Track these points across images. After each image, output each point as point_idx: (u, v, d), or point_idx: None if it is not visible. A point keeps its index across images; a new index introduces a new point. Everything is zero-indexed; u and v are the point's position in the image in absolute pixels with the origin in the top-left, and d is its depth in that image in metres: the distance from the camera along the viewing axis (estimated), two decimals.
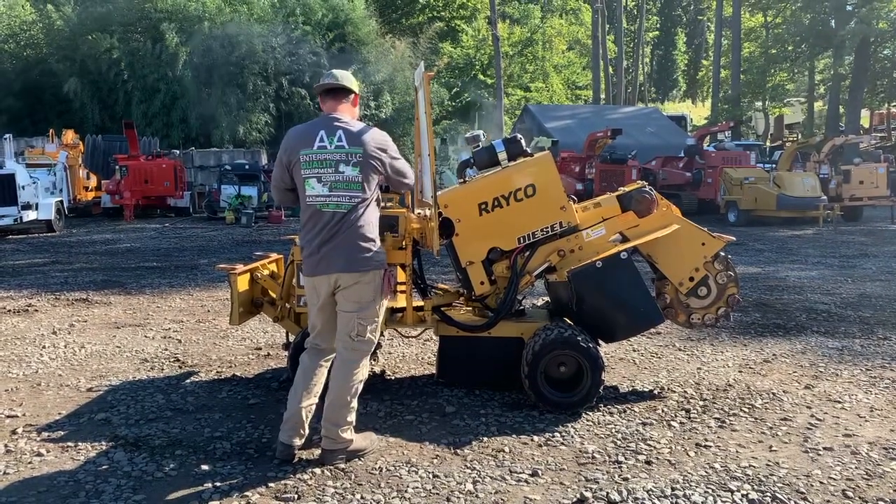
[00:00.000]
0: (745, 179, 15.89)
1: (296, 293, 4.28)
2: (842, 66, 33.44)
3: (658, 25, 63.33)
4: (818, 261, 10.43)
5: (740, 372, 4.95)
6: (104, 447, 3.66)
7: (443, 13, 40.18)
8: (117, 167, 19.02)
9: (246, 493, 3.13)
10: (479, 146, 4.34)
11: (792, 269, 9.57)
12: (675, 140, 23.47)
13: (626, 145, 18.96)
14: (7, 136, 17.95)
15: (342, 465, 3.40)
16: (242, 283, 4.38)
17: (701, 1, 65.50)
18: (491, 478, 3.28)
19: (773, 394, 4.45)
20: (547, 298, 4.98)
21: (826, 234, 14.19)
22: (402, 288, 4.38)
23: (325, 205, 3.39)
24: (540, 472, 3.33)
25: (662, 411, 4.15)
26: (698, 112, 49.70)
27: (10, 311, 7.16)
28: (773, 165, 18.98)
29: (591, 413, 4.10)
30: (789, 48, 35.94)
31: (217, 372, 5.01)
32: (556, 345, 4.00)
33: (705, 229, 4.48)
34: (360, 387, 3.52)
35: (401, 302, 4.43)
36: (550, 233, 4.20)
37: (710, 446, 3.64)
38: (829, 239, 13.41)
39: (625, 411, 4.15)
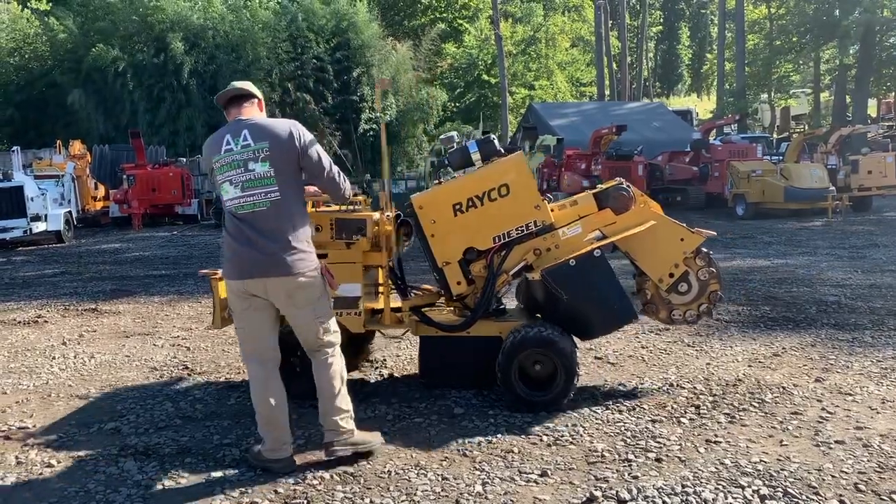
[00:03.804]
0: (753, 172, 15.82)
1: None
2: (847, 56, 33.25)
3: (661, 20, 63.17)
4: (827, 252, 10.37)
5: (750, 366, 4.92)
6: (114, 456, 3.67)
7: (445, 14, 40.23)
8: (125, 177, 19.12)
9: (256, 500, 3.14)
10: (453, 147, 4.36)
11: (801, 261, 9.52)
12: (680, 135, 23.38)
13: (631, 141, 18.92)
14: (15, 148, 18.08)
15: (350, 469, 3.40)
16: (224, 288, 4.37)
17: None
18: (500, 479, 3.27)
19: (783, 388, 4.42)
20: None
21: (835, 226, 14.11)
22: (381, 289, 4.42)
23: (241, 206, 3.31)
24: (549, 472, 3.32)
25: (672, 408, 4.13)
26: (704, 106, 49.56)
27: (20, 322, 7.20)
28: (780, 157, 18.90)
29: (600, 411, 4.09)
30: (794, 39, 35.79)
31: (226, 379, 5.02)
32: (530, 343, 4.04)
33: (684, 225, 4.43)
34: (345, 373, 3.54)
35: (381, 303, 4.46)
36: (525, 232, 4.20)
37: (721, 442, 3.62)
38: (838, 230, 13.34)
39: (634, 409, 4.14)
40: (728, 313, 6.56)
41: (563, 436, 3.74)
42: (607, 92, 37.48)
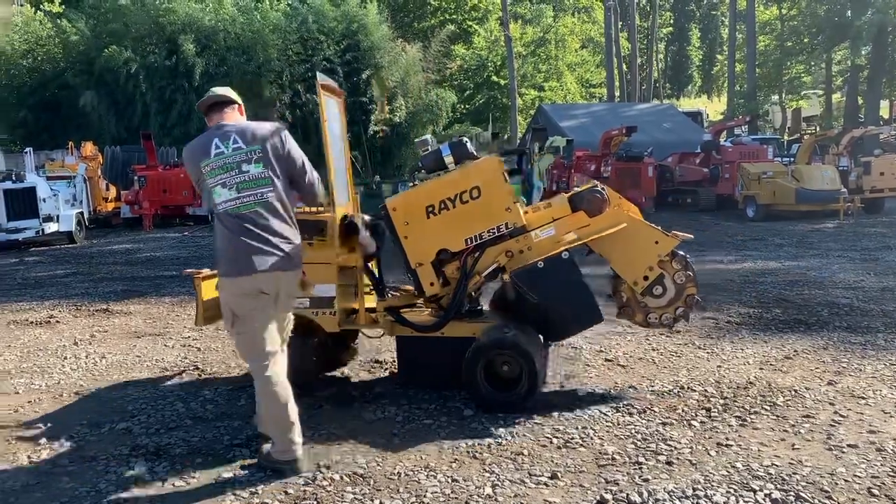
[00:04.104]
0: (763, 174, 15.74)
1: None
2: (859, 57, 33.06)
3: (671, 21, 62.98)
4: (839, 254, 10.31)
5: (761, 369, 4.90)
6: (125, 456, 3.69)
7: (454, 16, 40.25)
8: (136, 178, 19.21)
9: (266, 501, 3.15)
10: (427, 150, 4.42)
11: (813, 264, 9.46)
12: (691, 136, 23.29)
13: (641, 142, 18.87)
14: (28, 149, 18.20)
15: (360, 471, 3.41)
16: (207, 288, 4.41)
17: None
18: (510, 481, 3.27)
19: (795, 391, 4.39)
20: None
21: (847, 228, 14.02)
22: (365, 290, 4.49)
23: (238, 207, 3.36)
24: (559, 474, 3.31)
25: (682, 411, 4.11)
26: (714, 107, 49.38)
27: (32, 322, 7.24)
28: (792, 159, 18.80)
29: (610, 414, 4.08)
30: (805, 40, 35.62)
31: (236, 380, 5.03)
32: (494, 345, 4.07)
33: (659, 228, 4.42)
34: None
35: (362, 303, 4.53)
36: (497, 234, 4.23)
37: (732, 445, 3.60)
38: (850, 232, 13.25)
39: (644, 411, 4.12)
40: (739, 316, 6.53)
41: (573, 438, 3.73)
42: (617, 93, 37.40)
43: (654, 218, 14.01)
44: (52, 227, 14.90)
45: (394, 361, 5.29)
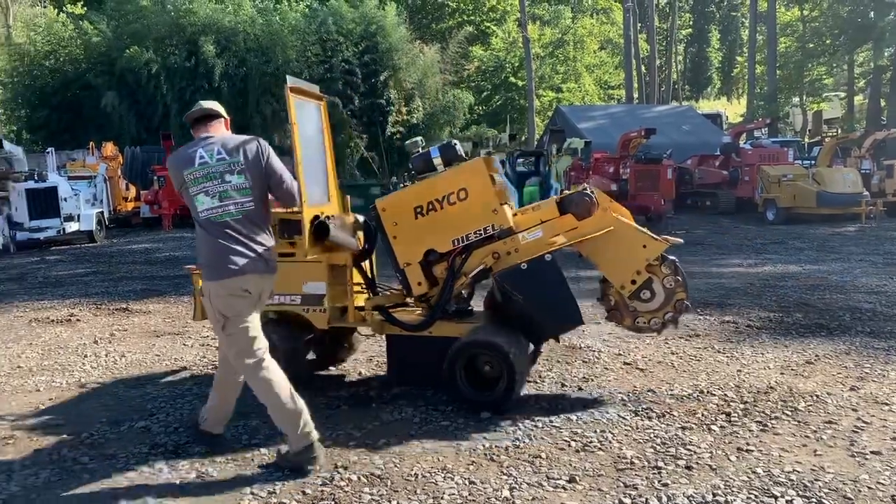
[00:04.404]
0: (784, 176, 15.60)
1: None
2: (882, 58, 32.66)
3: (691, 23, 62.58)
4: (861, 258, 10.18)
5: (782, 374, 4.84)
6: (145, 454, 3.71)
7: (472, 17, 40.23)
8: (156, 178, 19.36)
9: (283, 501, 3.15)
10: (418, 152, 4.48)
11: (834, 268, 9.36)
12: (710, 138, 23.13)
13: (660, 144, 18.74)
14: (49, 149, 18.40)
15: (378, 472, 3.41)
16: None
17: None
18: (528, 484, 3.25)
19: (817, 396, 4.34)
20: None
21: (869, 231, 13.86)
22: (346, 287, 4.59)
23: (220, 216, 3.48)
24: (578, 478, 3.29)
25: (702, 415, 4.08)
26: (734, 109, 48.98)
27: (53, 320, 7.32)
28: (812, 162, 18.61)
29: (629, 417, 4.05)
30: (827, 42, 35.25)
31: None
32: (473, 345, 4.11)
33: (646, 231, 4.38)
34: None
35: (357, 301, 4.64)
36: (483, 235, 4.27)
37: (752, 451, 3.56)
38: (873, 236, 13.09)
39: (663, 415, 4.09)
40: (759, 320, 6.47)
41: (591, 442, 3.71)
42: (636, 95, 37.22)
43: (673, 220, 13.91)
44: (72, 227, 15.05)
45: None
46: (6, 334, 6.76)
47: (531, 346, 4.63)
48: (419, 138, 4.76)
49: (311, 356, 5.08)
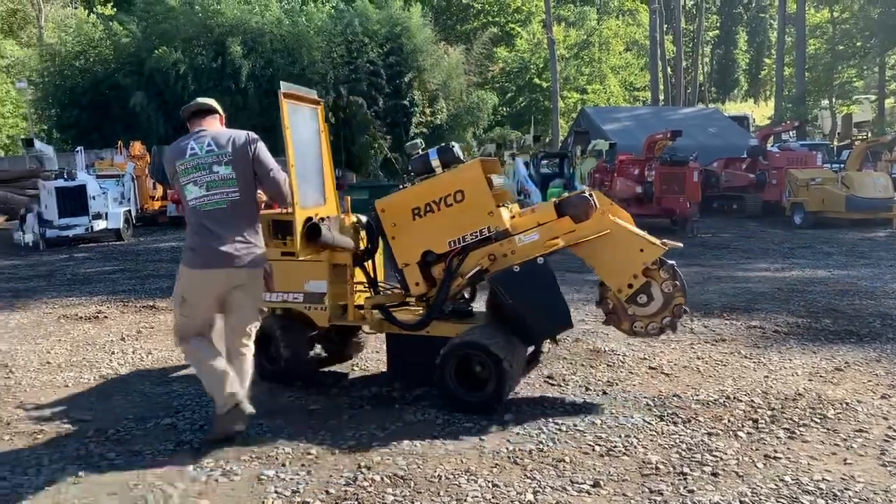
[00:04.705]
0: (812, 180, 15.38)
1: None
2: None
3: (718, 24, 61.99)
4: (892, 264, 10.01)
5: (810, 380, 4.77)
6: (170, 452, 3.75)
7: (497, 18, 40.19)
8: None
9: (307, 500, 3.16)
10: (418, 154, 4.55)
11: (864, 273, 9.21)
12: (737, 141, 22.86)
13: (686, 147, 18.56)
14: (79, 148, 18.64)
15: (401, 473, 3.41)
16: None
17: None
18: (552, 488, 3.23)
19: (847, 404, 4.27)
20: None
21: None
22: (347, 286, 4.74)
23: (205, 204, 3.72)
24: (602, 482, 3.27)
25: (729, 421, 4.03)
26: (761, 112, 48.44)
27: (81, 317, 7.41)
28: (842, 166, 18.33)
29: (654, 422, 4.01)
30: (857, 44, 34.73)
31: (295, 383, 5.05)
32: (463, 346, 4.15)
33: (644, 235, 4.34)
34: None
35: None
36: (480, 237, 4.29)
37: (780, 458, 3.51)
38: None
39: (689, 421, 4.05)
40: (787, 325, 6.38)
41: (616, 446, 3.68)
42: (661, 97, 36.93)
43: (699, 224, 13.76)
44: (100, 225, 15.23)
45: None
46: (36, 330, 6.86)
47: (531, 348, 4.68)
48: (419, 140, 4.86)
49: (320, 353, 5.22)
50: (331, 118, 24.46)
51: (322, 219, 4.42)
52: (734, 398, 4.42)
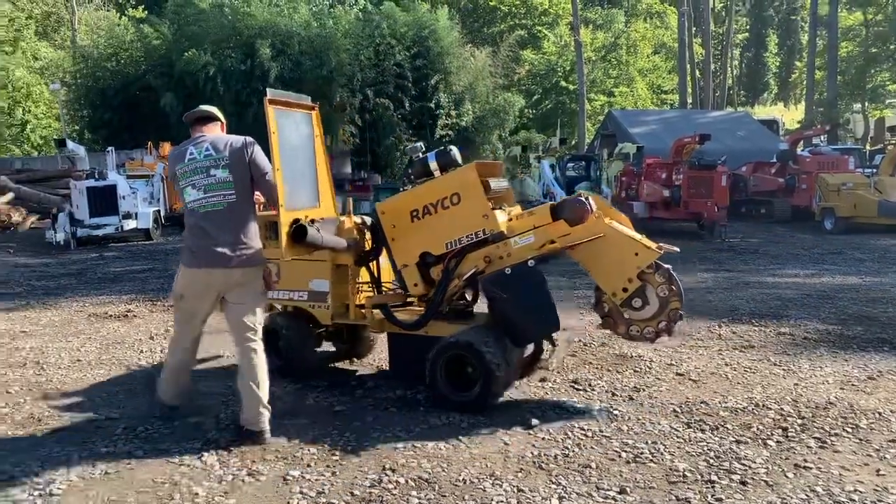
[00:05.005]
0: (843, 185, 15.13)
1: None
2: None
3: (748, 27, 61.28)
4: None
5: (842, 389, 4.69)
6: (197, 450, 3.78)
7: (524, 21, 40.08)
8: None
9: (332, 501, 3.17)
10: (418, 157, 4.66)
11: None
12: (766, 145, 22.57)
13: (715, 151, 18.35)
14: (109, 149, 18.90)
15: (426, 476, 3.40)
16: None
17: (794, 0, 63.03)
18: (577, 494, 3.21)
19: (880, 413, 4.19)
20: None
21: None
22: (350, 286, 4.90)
23: (203, 206, 3.89)
24: (628, 489, 3.24)
25: (757, 429, 3.97)
26: (791, 116, 47.80)
27: (111, 315, 7.51)
28: (874, 170, 18.01)
29: (681, 429, 3.97)
30: (891, 46, 34.14)
31: (304, 379, 5.09)
32: (452, 346, 4.23)
33: (639, 238, 4.31)
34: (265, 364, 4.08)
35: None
36: (475, 239, 4.35)
37: (811, 468, 3.46)
38: None
39: (717, 428, 4.00)
40: (817, 332, 6.28)
41: (642, 453, 3.65)
42: (689, 100, 36.58)
43: (727, 228, 13.59)
44: (130, 224, 15.43)
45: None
46: (66, 328, 6.97)
47: (529, 349, 4.77)
48: (419, 143, 4.98)
49: (331, 350, 5.43)
50: (357, 120, 24.56)
51: (312, 220, 4.52)
52: (763, 406, 4.36)
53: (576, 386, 4.79)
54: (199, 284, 3.95)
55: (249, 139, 4.02)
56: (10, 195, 17.90)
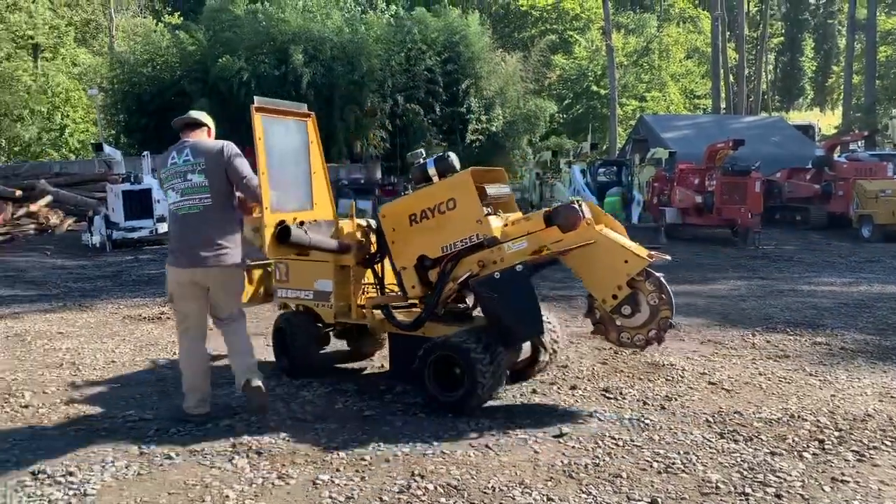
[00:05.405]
0: (882, 192, 14.81)
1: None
2: None
3: (783, 31, 60.41)
4: None
5: (881, 401, 4.58)
6: (228, 453, 3.81)
7: (556, 26, 39.98)
8: None
9: None
10: (419, 163, 4.78)
11: None
12: (801, 151, 22.22)
13: (748, 156, 18.09)
14: (145, 153, 19.21)
15: (454, 482, 3.39)
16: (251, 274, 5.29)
17: (831, 3, 62.00)
18: None
19: None
20: None
21: None
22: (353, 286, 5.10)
23: (180, 208, 4.17)
24: (660, 500, 3.19)
25: (793, 441, 3.90)
26: (827, 121, 46.95)
27: (145, 318, 7.62)
28: None
29: (713, 439, 3.91)
30: None
31: (333, 383, 5.11)
32: (439, 347, 4.35)
33: (630, 247, 4.27)
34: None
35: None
36: (470, 243, 4.42)
37: (849, 481, 3.38)
38: None
39: (751, 439, 3.93)
40: (854, 342, 6.16)
41: (674, 463, 3.60)
42: (723, 105, 36.16)
43: (761, 235, 13.38)
44: (164, 227, 15.62)
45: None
46: (102, 329, 7.08)
47: (526, 353, 4.83)
48: (420, 150, 5.12)
49: (344, 350, 5.61)
50: (387, 125, 24.66)
51: (302, 222, 4.70)
52: (799, 417, 4.28)
53: (607, 394, 4.75)
54: (184, 284, 4.19)
55: (229, 146, 4.21)
56: (48, 198, 18.27)
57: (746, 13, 44.07)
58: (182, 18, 29.66)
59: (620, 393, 4.76)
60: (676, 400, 4.62)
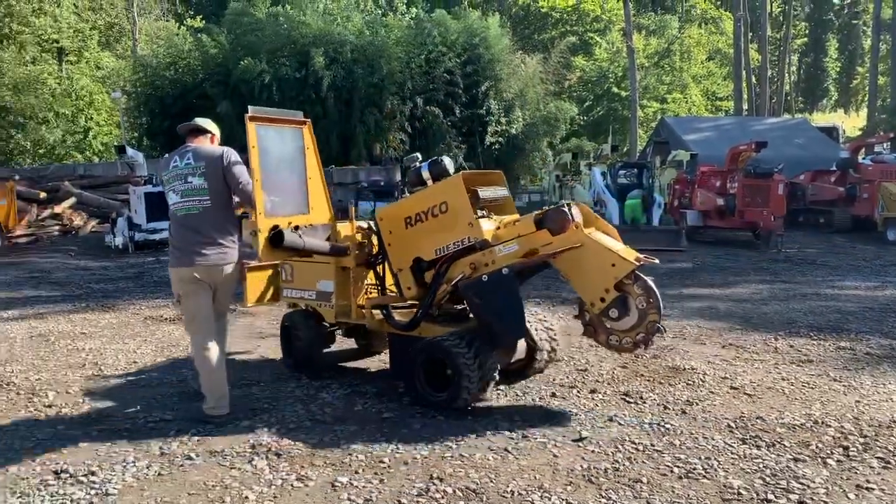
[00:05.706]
0: None
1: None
2: None
3: (807, 31, 59.78)
4: None
5: None
6: (247, 454, 3.83)
7: (576, 27, 39.84)
8: None
9: None
10: (415, 166, 4.92)
11: None
12: (825, 153, 21.95)
13: (771, 158, 17.90)
14: (167, 156, 19.43)
15: (473, 486, 3.38)
16: (254, 275, 5.39)
17: (856, 4, 61.24)
18: None
19: None
20: None
21: None
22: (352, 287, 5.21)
23: (180, 209, 4.35)
24: None
25: (817, 447, 3.84)
26: (852, 123, 46.38)
27: (166, 319, 7.69)
28: None
29: (735, 445, 3.87)
30: None
31: (352, 384, 5.12)
32: (428, 348, 4.44)
33: (617, 250, 4.23)
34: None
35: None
36: (461, 246, 4.49)
37: (873, 489, 3.33)
38: None
39: (773, 445, 3.88)
40: (880, 347, 6.06)
41: (695, 468, 3.56)
42: (745, 107, 35.84)
43: (784, 238, 13.23)
44: None
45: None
46: (124, 330, 7.15)
47: (521, 354, 4.83)
48: (417, 154, 5.26)
49: (350, 346, 5.74)
50: (407, 127, 24.68)
51: (297, 227, 4.81)
52: (822, 423, 4.22)
53: (627, 398, 4.72)
54: (187, 282, 4.31)
55: (229, 152, 4.40)
56: (72, 200, 18.49)
57: (769, 14, 43.66)
58: (204, 22, 29.90)
59: (641, 397, 4.73)
60: (697, 404, 4.58)
